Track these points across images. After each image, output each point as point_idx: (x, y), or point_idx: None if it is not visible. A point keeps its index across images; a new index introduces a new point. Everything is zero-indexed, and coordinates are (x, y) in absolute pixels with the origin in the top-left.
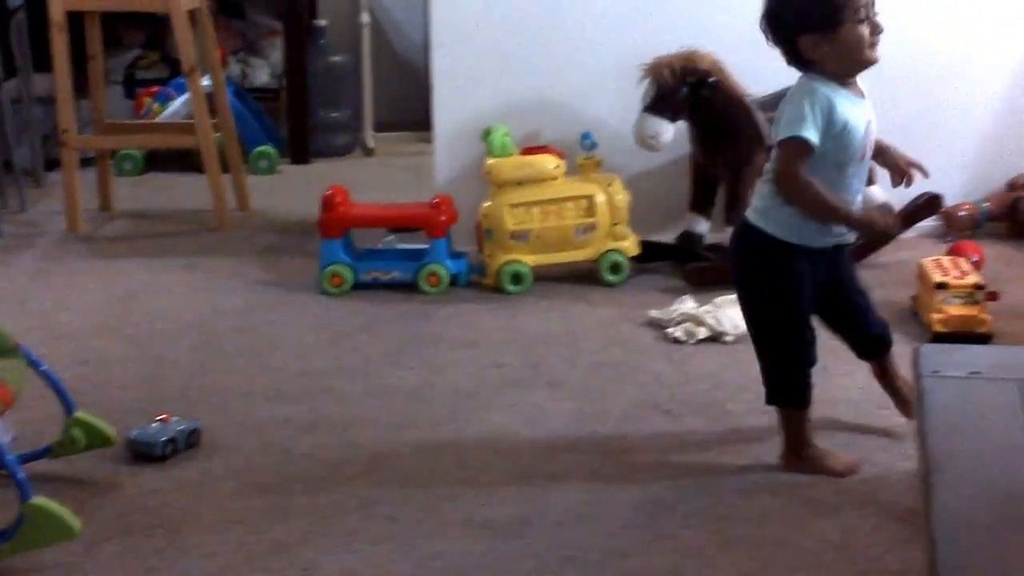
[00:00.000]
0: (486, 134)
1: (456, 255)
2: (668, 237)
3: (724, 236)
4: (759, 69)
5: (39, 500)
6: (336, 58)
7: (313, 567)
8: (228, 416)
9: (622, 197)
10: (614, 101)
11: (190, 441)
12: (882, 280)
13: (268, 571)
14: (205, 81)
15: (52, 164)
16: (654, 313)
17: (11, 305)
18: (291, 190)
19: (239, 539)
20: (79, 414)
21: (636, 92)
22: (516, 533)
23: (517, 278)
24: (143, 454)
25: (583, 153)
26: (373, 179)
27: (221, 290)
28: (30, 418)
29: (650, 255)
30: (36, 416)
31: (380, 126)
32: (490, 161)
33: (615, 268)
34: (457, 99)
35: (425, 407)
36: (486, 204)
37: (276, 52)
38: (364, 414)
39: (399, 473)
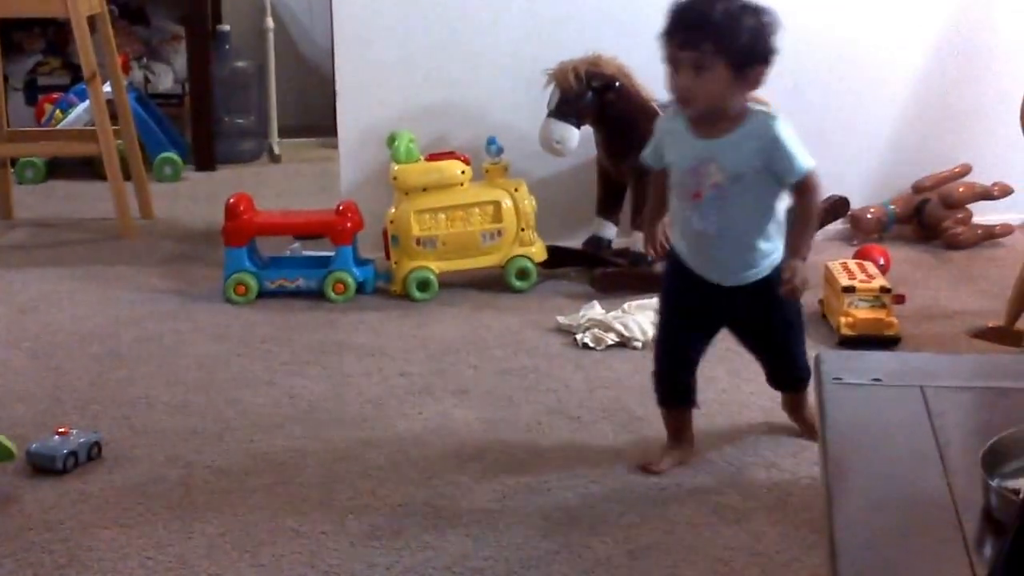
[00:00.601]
0: (391, 140)
1: (362, 262)
2: (575, 242)
3: (631, 241)
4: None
5: None
6: (241, 63)
7: None
8: (131, 428)
9: (529, 202)
10: (519, 106)
11: (91, 454)
12: None
13: None
14: (107, 87)
15: None
16: (562, 319)
17: None
18: (196, 197)
19: (141, 554)
20: None
21: (541, 97)
22: (423, 544)
23: (424, 285)
24: (43, 468)
25: (489, 159)
26: (279, 185)
27: (124, 300)
28: None
29: (558, 260)
30: None
31: (286, 132)
32: (396, 167)
33: (522, 274)
34: (362, 105)
35: (331, 417)
36: (392, 211)
37: (180, 57)
38: (269, 425)
39: (305, 485)
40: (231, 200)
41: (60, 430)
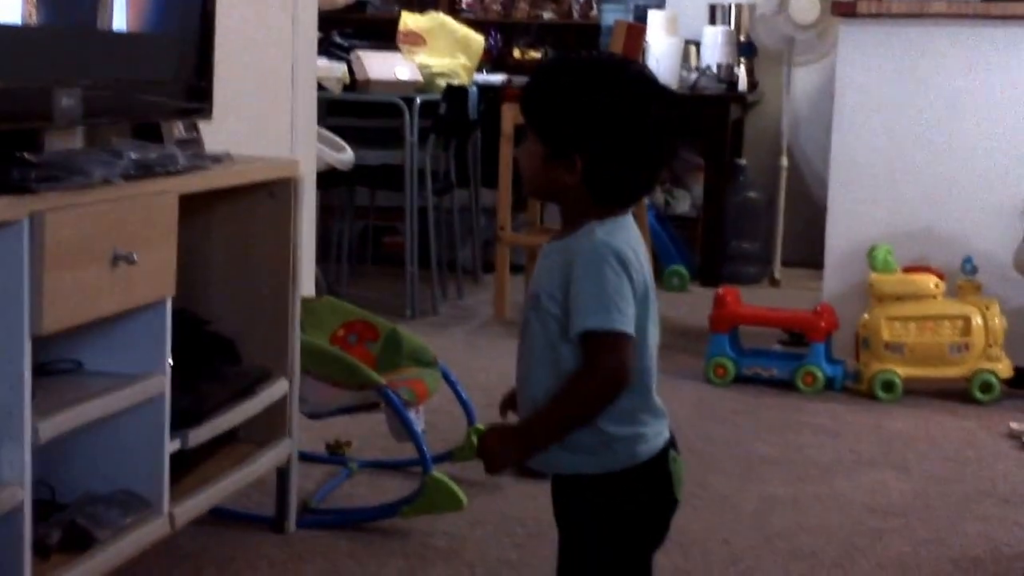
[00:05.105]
0: (871, 252)
1: (833, 360)
2: None
3: None
4: None
5: (437, 474)
6: (753, 194)
7: None
8: None
9: (999, 321)
10: (1000, 232)
11: None
12: None
13: None
14: None
15: (490, 267)
16: (1015, 425)
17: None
18: (697, 307)
19: None
20: (479, 424)
21: (1021, 224)
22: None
23: (889, 386)
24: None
25: (963, 277)
26: (772, 304)
27: None
28: (438, 424)
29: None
30: (444, 425)
31: (788, 261)
32: (873, 275)
33: (986, 387)
34: (849, 221)
35: (778, 469)
36: (866, 316)
37: (698, 186)
38: (718, 469)
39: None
40: (720, 291)
41: None
